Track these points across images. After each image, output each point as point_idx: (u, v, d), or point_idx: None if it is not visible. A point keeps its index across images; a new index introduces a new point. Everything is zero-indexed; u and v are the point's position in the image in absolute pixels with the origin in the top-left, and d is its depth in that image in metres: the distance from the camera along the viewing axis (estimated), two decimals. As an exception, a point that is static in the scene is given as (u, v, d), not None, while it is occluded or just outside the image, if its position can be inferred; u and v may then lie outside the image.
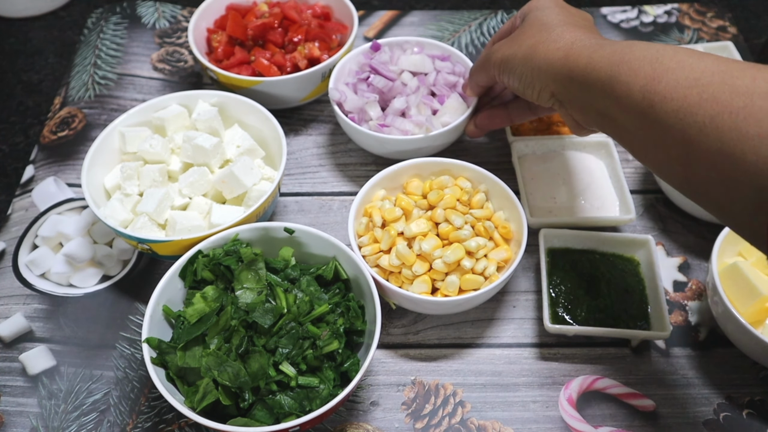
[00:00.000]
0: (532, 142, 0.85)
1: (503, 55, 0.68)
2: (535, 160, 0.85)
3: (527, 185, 0.82)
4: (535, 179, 0.83)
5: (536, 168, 0.84)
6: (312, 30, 0.93)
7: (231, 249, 0.68)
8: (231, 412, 0.62)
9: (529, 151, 0.86)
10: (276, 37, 0.93)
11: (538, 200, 0.81)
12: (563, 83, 0.60)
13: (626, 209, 0.78)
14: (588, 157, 0.85)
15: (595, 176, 0.83)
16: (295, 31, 0.93)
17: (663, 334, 0.69)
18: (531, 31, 0.66)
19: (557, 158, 0.85)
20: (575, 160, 0.85)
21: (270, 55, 0.91)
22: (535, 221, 0.77)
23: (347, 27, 0.96)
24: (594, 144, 0.85)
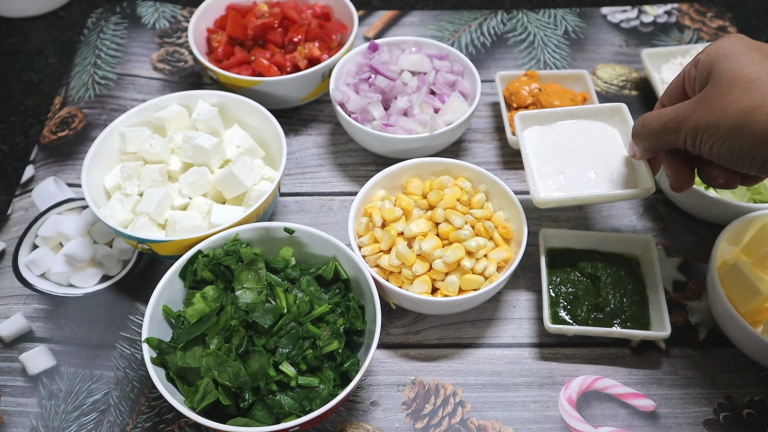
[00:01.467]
0: (540, 113, 0.78)
1: (698, 124, 0.56)
2: (540, 132, 0.78)
3: (532, 159, 0.75)
4: (541, 153, 0.75)
5: (542, 140, 0.77)
6: (312, 30, 0.93)
7: (231, 249, 0.68)
8: (231, 412, 0.62)
9: (534, 122, 0.78)
10: (276, 37, 0.93)
11: (546, 176, 0.74)
12: None
13: (643, 180, 0.70)
14: (599, 126, 0.77)
15: (607, 146, 0.75)
16: (295, 31, 0.93)
17: (663, 334, 0.69)
18: (732, 92, 0.54)
19: (565, 128, 0.77)
20: (585, 129, 0.77)
21: (270, 55, 0.91)
22: (543, 199, 0.70)
23: (347, 27, 0.96)
24: (606, 111, 0.77)
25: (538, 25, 1.08)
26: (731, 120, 0.53)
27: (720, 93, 0.55)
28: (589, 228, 0.83)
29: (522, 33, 1.07)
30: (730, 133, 0.53)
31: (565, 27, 1.08)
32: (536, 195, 0.70)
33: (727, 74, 0.55)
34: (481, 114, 0.96)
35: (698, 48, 0.97)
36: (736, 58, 0.56)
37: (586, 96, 0.91)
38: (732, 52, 0.56)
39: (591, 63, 1.03)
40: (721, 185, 0.61)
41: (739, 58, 0.56)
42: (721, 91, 0.55)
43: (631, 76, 1.01)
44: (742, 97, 0.53)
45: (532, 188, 0.71)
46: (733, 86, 0.54)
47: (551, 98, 0.88)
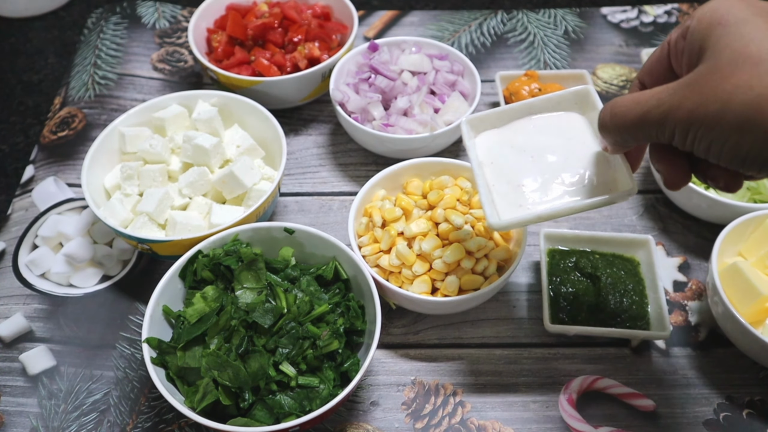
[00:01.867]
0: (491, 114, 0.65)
1: (690, 116, 0.44)
2: (496, 137, 0.65)
3: (488, 173, 0.62)
4: (496, 163, 0.63)
5: (497, 148, 0.64)
6: (312, 30, 0.93)
7: (231, 249, 0.68)
8: (231, 412, 0.61)
9: (486, 125, 0.66)
10: (276, 37, 0.93)
11: (503, 193, 0.61)
12: None
13: (622, 181, 0.57)
14: (564, 118, 0.64)
15: (574, 143, 0.62)
16: (295, 31, 0.93)
17: (663, 334, 0.69)
18: (737, 74, 0.42)
19: (523, 128, 0.64)
20: (547, 126, 0.64)
21: (270, 55, 0.91)
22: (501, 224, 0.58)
23: (347, 27, 0.96)
24: (570, 97, 0.64)
25: (538, 25, 1.08)
26: (737, 112, 0.41)
27: (720, 75, 0.42)
28: (589, 228, 0.83)
29: (522, 33, 1.07)
30: (735, 130, 0.42)
31: (565, 27, 1.08)
32: (492, 219, 0.58)
33: (728, 51, 0.43)
34: (481, 114, 0.96)
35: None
36: (738, 28, 0.43)
37: (586, 96, 0.91)
38: (733, 20, 0.44)
39: (591, 63, 1.03)
40: (722, 188, 0.50)
41: (742, 29, 0.43)
42: (721, 74, 0.42)
43: (631, 76, 1.01)
44: (751, 82, 0.41)
45: (488, 211, 0.59)
46: (737, 67, 0.42)
47: (551, 98, 0.88)
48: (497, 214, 0.59)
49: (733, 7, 0.45)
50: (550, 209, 0.58)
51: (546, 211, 0.58)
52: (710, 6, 0.46)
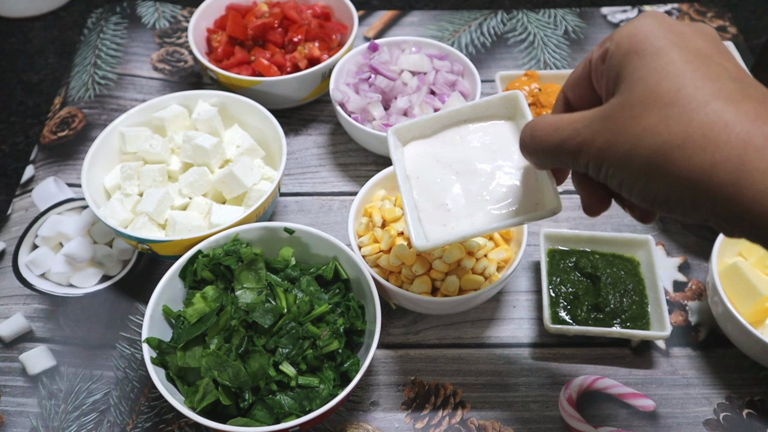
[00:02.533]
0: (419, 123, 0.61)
1: (601, 153, 0.42)
2: (423, 148, 0.61)
3: (413, 188, 0.59)
4: (422, 178, 0.60)
5: (422, 161, 0.60)
6: (312, 30, 0.93)
7: (231, 249, 0.68)
8: (231, 412, 0.61)
9: (413, 135, 0.62)
10: (276, 37, 0.93)
11: (427, 211, 0.58)
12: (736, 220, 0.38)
13: (548, 198, 0.54)
14: (493, 128, 0.60)
15: (501, 155, 0.59)
16: (295, 31, 0.93)
17: (663, 334, 0.69)
18: (646, 116, 0.40)
19: (450, 140, 0.61)
20: (474, 137, 0.61)
21: (270, 55, 0.91)
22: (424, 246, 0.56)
23: (347, 27, 0.96)
24: (498, 102, 0.60)
25: (538, 25, 1.08)
26: (644, 157, 0.40)
27: (631, 114, 0.40)
28: (589, 228, 0.83)
29: (522, 33, 1.07)
30: (642, 174, 0.40)
31: (565, 27, 1.08)
32: (418, 241, 0.56)
33: (641, 86, 0.41)
34: (481, 114, 0.96)
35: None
36: (652, 60, 0.41)
37: (586, 96, 0.91)
38: (650, 50, 0.42)
39: (591, 63, 1.03)
40: (638, 218, 0.49)
41: (656, 62, 0.41)
42: (632, 112, 0.40)
43: (631, 76, 1.01)
44: (659, 126, 0.39)
45: (413, 232, 0.56)
46: (646, 107, 0.40)
47: (551, 98, 0.88)
48: (423, 234, 0.57)
49: (651, 34, 0.42)
50: (474, 230, 0.56)
51: (469, 231, 0.56)
52: (629, 30, 0.43)
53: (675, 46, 0.41)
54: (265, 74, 0.89)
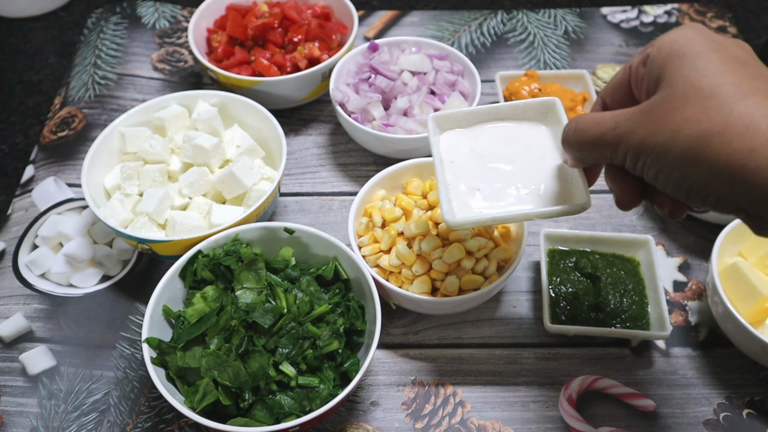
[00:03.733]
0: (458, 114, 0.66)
1: (641, 144, 0.45)
2: (460, 137, 0.66)
3: (447, 172, 0.63)
4: (456, 163, 0.64)
5: (460, 148, 0.65)
6: (312, 30, 0.93)
7: (231, 249, 0.68)
8: (231, 412, 0.61)
9: (452, 124, 0.67)
10: (276, 37, 0.93)
11: (459, 193, 0.62)
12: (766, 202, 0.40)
13: (577, 194, 0.58)
14: (528, 129, 0.65)
15: (534, 154, 0.63)
16: (295, 31, 0.93)
17: (663, 334, 0.69)
18: (687, 108, 0.43)
19: (486, 133, 0.65)
20: (509, 134, 0.65)
21: (270, 55, 0.91)
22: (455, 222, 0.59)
23: (347, 27, 0.96)
24: (536, 107, 0.65)
25: (538, 25, 1.08)
26: (684, 145, 0.42)
27: (672, 107, 0.44)
28: (589, 228, 0.83)
29: (522, 33, 1.07)
30: (681, 162, 0.43)
31: (565, 27, 1.08)
32: (449, 216, 0.59)
33: (681, 83, 0.44)
34: (481, 114, 0.96)
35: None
36: (693, 61, 0.44)
37: (586, 96, 0.91)
38: (689, 52, 0.45)
39: (591, 63, 1.03)
40: (667, 214, 0.50)
41: (697, 62, 0.44)
42: (673, 105, 0.44)
43: (631, 76, 1.01)
44: (699, 116, 0.42)
45: (444, 208, 0.60)
46: (688, 100, 0.43)
47: (551, 98, 0.88)
48: (452, 212, 0.60)
49: (692, 39, 0.46)
50: (503, 214, 0.59)
51: (499, 215, 0.59)
52: (670, 36, 0.47)
53: (714, 51, 0.45)
54: (265, 74, 0.89)
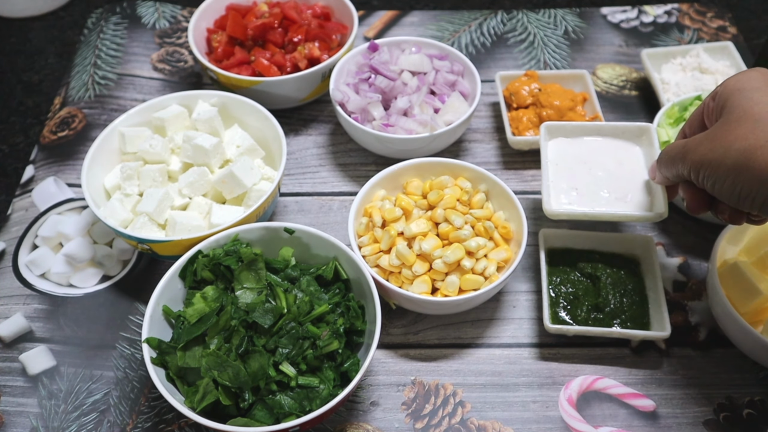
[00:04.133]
0: (566, 126, 0.79)
1: (702, 158, 0.55)
2: (564, 144, 0.79)
3: (551, 171, 0.76)
4: (560, 165, 0.77)
5: (563, 153, 0.78)
6: (312, 30, 0.93)
7: (231, 249, 0.68)
8: (231, 412, 0.61)
9: (560, 134, 0.80)
10: (276, 37, 0.93)
11: (559, 189, 0.75)
12: None
13: (657, 205, 0.71)
14: (623, 145, 0.78)
15: (625, 167, 0.76)
16: (295, 31, 0.93)
17: (663, 334, 0.69)
18: (739, 128, 0.53)
19: (587, 145, 0.79)
20: (607, 147, 0.78)
21: (270, 55, 0.91)
22: (554, 211, 0.72)
23: (347, 27, 0.96)
24: (633, 130, 0.78)
25: (538, 25, 1.08)
26: (734, 158, 0.52)
27: (728, 129, 0.54)
28: (589, 228, 0.83)
29: (522, 33, 1.07)
30: (731, 171, 0.53)
31: (565, 27, 1.08)
32: (548, 206, 0.72)
33: (738, 109, 0.54)
34: (481, 114, 0.96)
35: (698, 48, 0.97)
36: (750, 93, 0.54)
37: (586, 96, 0.91)
38: (748, 87, 0.55)
39: (591, 63, 1.03)
40: (727, 220, 0.60)
41: (753, 94, 0.54)
42: (729, 127, 0.54)
43: (631, 76, 1.01)
44: (747, 134, 0.52)
45: (545, 199, 0.72)
46: (741, 122, 0.53)
47: (551, 98, 0.88)
48: (550, 203, 0.73)
49: (753, 78, 0.56)
50: (593, 212, 0.72)
51: (590, 211, 0.72)
52: (736, 77, 0.57)
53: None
54: (265, 74, 0.89)
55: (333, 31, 0.95)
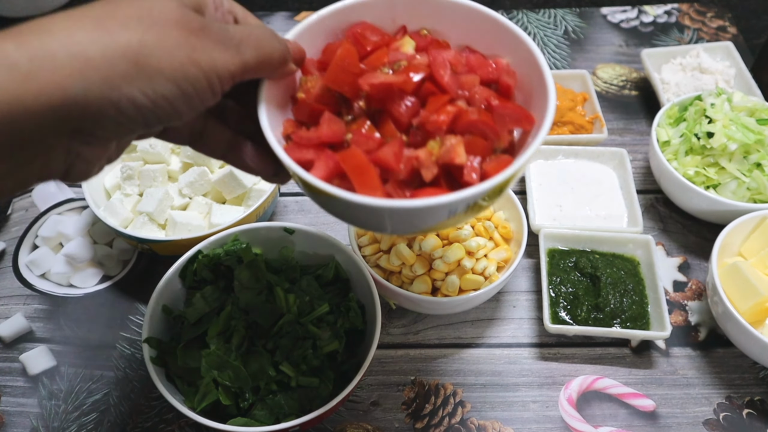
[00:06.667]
0: (544, 148, 0.85)
1: None
2: (544, 165, 0.85)
3: (534, 190, 0.82)
4: (543, 185, 0.83)
5: (545, 174, 0.84)
6: (467, 115, 0.45)
7: (231, 249, 0.68)
8: (231, 412, 0.61)
9: (539, 156, 0.85)
10: (401, 111, 0.45)
11: (544, 206, 0.81)
12: None
13: (634, 221, 0.79)
14: (600, 168, 0.85)
15: (604, 186, 0.83)
16: (436, 108, 0.45)
17: (663, 334, 0.69)
18: None
19: (567, 166, 0.85)
20: (586, 169, 0.85)
21: (376, 143, 0.45)
22: (538, 227, 0.77)
23: (532, 119, 0.47)
24: (608, 154, 0.85)
25: (538, 25, 1.08)
26: None
27: None
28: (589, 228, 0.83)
29: (522, 33, 1.07)
30: None
31: (565, 27, 1.08)
32: (533, 222, 0.78)
33: None
34: (481, 114, 0.96)
35: (698, 48, 0.97)
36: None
37: (586, 96, 0.91)
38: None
39: (591, 63, 1.03)
40: None
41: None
42: None
43: (631, 76, 1.01)
44: None
45: (531, 215, 0.78)
46: None
47: (551, 98, 0.88)
48: (535, 220, 0.78)
49: None
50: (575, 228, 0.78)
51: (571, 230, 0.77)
52: None
53: None
54: (354, 180, 0.43)
55: (506, 122, 0.47)
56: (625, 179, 0.83)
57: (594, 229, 0.78)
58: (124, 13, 0.35)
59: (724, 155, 0.77)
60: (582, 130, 0.88)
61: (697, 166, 0.79)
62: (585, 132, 0.88)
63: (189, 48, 0.36)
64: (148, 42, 0.35)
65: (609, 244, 0.77)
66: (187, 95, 0.37)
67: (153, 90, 0.35)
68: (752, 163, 0.77)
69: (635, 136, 0.93)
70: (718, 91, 0.82)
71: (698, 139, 0.78)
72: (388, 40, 0.50)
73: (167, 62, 0.35)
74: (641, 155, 0.91)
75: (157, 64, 0.35)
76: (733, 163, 0.77)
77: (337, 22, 0.51)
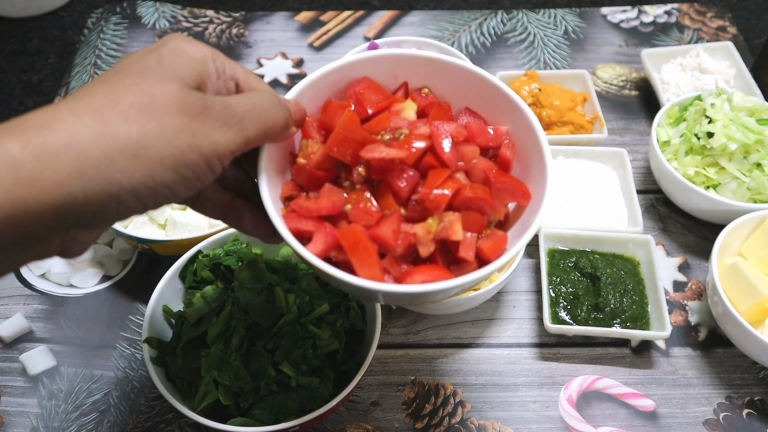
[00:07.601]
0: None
1: None
2: None
3: None
4: None
5: None
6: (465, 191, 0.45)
7: (231, 249, 0.68)
8: (231, 412, 0.61)
9: None
10: (400, 184, 0.45)
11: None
12: None
13: (634, 221, 0.79)
14: (600, 167, 0.85)
15: (604, 186, 0.83)
16: (436, 184, 0.45)
17: (663, 334, 0.69)
18: None
19: (567, 166, 0.85)
20: (586, 169, 0.85)
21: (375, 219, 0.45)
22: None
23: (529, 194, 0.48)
24: (608, 154, 0.85)
25: (538, 25, 1.08)
26: None
27: None
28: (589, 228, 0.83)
29: (522, 33, 1.07)
30: None
31: (565, 27, 1.08)
32: None
33: None
34: (481, 114, 0.96)
35: (698, 48, 0.97)
36: None
37: (586, 96, 0.91)
38: None
39: (591, 63, 1.03)
40: None
41: None
42: None
43: (631, 76, 1.01)
44: None
45: None
46: None
47: (551, 98, 0.88)
48: None
49: None
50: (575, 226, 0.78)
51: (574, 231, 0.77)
52: None
53: None
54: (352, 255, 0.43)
55: (504, 197, 0.48)
56: (625, 179, 0.83)
57: (594, 229, 0.77)
58: (126, 101, 0.35)
59: (724, 155, 0.77)
60: (582, 130, 0.88)
61: (697, 166, 0.79)
62: (585, 132, 0.88)
63: (189, 135, 0.36)
64: (149, 133, 0.35)
65: (609, 244, 0.77)
66: (186, 180, 0.37)
67: (153, 180, 0.35)
68: (752, 163, 0.77)
69: (635, 136, 0.93)
70: (718, 91, 0.82)
71: (698, 139, 0.78)
72: (389, 102, 0.50)
73: (167, 152, 0.35)
74: (641, 155, 0.91)
75: (157, 154, 0.35)
76: (733, 163, 0.77)
77: (340, 77, 0.50)
